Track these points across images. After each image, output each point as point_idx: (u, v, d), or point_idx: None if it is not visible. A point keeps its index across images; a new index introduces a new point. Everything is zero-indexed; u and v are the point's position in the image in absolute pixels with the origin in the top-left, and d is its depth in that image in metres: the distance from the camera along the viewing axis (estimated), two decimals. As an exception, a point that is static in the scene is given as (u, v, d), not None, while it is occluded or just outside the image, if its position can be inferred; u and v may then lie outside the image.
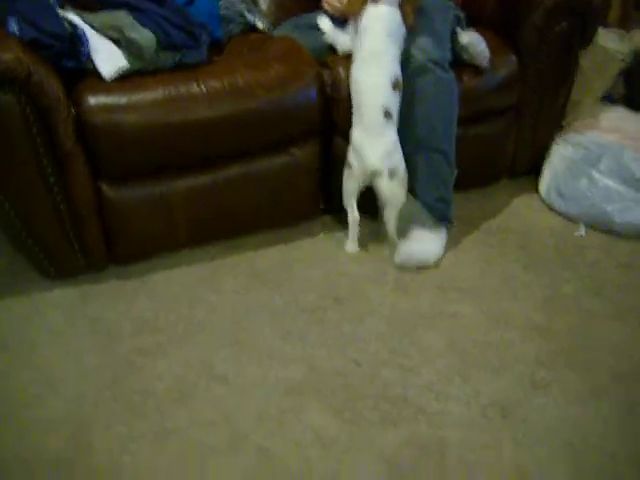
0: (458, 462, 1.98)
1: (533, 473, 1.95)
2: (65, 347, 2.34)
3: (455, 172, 2.72)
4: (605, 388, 2.22)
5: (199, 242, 2.71)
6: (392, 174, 2.52)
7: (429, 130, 2.60)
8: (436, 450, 2.01)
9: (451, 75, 2.64)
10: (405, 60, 2.57)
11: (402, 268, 2.67)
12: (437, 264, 2.71)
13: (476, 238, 2.88)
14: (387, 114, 2.49)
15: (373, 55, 2.51)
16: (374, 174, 2.52)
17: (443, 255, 2.74)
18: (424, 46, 2.58)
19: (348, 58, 2.63)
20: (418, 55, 2.57)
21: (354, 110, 2.55)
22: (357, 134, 2.54)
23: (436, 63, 2.57)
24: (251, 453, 1.99)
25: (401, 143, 2.56)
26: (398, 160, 2.54)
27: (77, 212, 2.45)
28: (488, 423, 2.10)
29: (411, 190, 2.68)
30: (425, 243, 2.70)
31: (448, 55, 2.65)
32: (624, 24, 3.57)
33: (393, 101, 2.51)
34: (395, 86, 2.50)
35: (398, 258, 2.67)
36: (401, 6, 2.54)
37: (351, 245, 2.76)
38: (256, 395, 2.17)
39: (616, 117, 3.13)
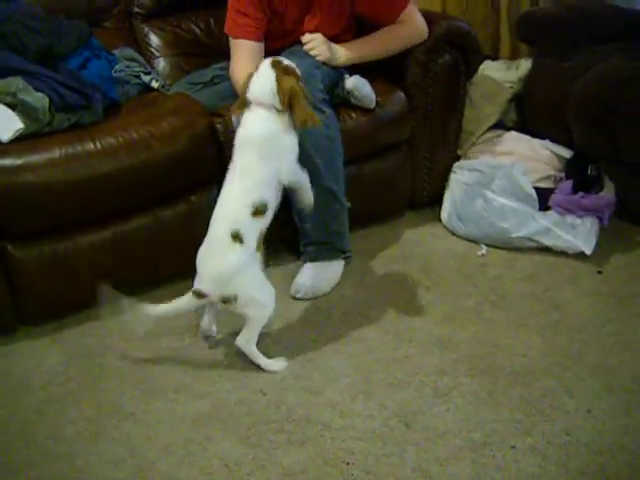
0: (362, 471, 2.02)
1: (436, 473, 2.00)
2: (-30, 403, 2.36)
3: (347, 205, 2.78)
4: (503, 389, 2.28)
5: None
6: (227, 301, 2.31)
7: (311, 169, 2.50)
8: (341, 462, 2.05)
9: (326, 114, 2.67)
10: None
11: (303, 301, 2.75)
12: (341, 294, 2.77)
13: (379, 267, 2.95)
14: (236, 237, 2.27)
15: (240, 172, 2.31)
16: (200, 295, 2.34)
17: (346, 284, 2.82)
18: None
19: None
20: None
21: None
22: (202, 247, 2.36)
23: None
24: (157, 482, 2.01)
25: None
26: (239, 287, 2.30)
27: (-18, 274, 2.48)
28: (391, 433, 2.14)
29: (302, 228, 2.77)
30: (318, 274, 2.77)
31: (319, 95, 2.65)
32: (514, 56, 3.73)
33: (250, 227, 2.29)
34: (256, 212, 2.28)
35: (293, 291, 2.75)
36: (290, 107, 2.28)
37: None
38: (163, 429, 2.20)
39: (509, 141, 3.26)
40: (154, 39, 3.30)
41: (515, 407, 2.20)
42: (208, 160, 2.71)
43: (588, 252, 2.86)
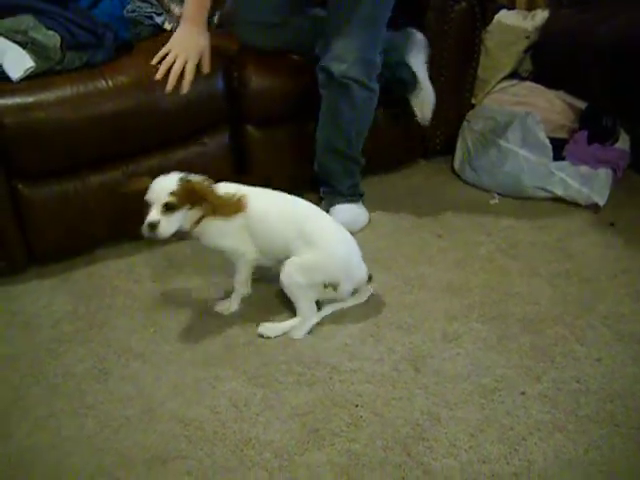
0: (371, 413, 2.01)
1: (445, 416, 1.99)
2: (-21, 340, 2.36)
3: (362, 162, 2.84)
4: (514, 335, 2.27)
5: (117, 237, 2.74)
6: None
7: (347, 144, 2.74)
8: (349, 405, 2.04)
9: (374, 89, 2.67)
10: (323, 71, 2.59)
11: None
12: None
13: (391, 213, 2.95)
14: None
15: None
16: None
17: (358, 231, 2.80)
18: (344, 59, 2.56)
19: (255, 56, 2.73)
20: (336, 69, 2.56)
21: None
22: (343, 253, 2.35)
23: (356, 81, 2.58)
24: (166, 421, 2.02)
25: (320, 148, 2.74)
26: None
27: (-7, 213, 2.47)
28: (400, 376, 2.14)
29: (327, 183, 2.85)
30: (350, 214, 2.81)
31: (374, 69, 2.66)
32: (531, 7, 3.67)
33: None
34: None
35: None
36: None
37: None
38: (171, 369, 2.20)
39: (524, 92, 3.22)
40: (168, -21, 3.23)
41: (525, 354, 2.20)
42: (219, 101, 2.68)
43: (601, 203, 2.84)
